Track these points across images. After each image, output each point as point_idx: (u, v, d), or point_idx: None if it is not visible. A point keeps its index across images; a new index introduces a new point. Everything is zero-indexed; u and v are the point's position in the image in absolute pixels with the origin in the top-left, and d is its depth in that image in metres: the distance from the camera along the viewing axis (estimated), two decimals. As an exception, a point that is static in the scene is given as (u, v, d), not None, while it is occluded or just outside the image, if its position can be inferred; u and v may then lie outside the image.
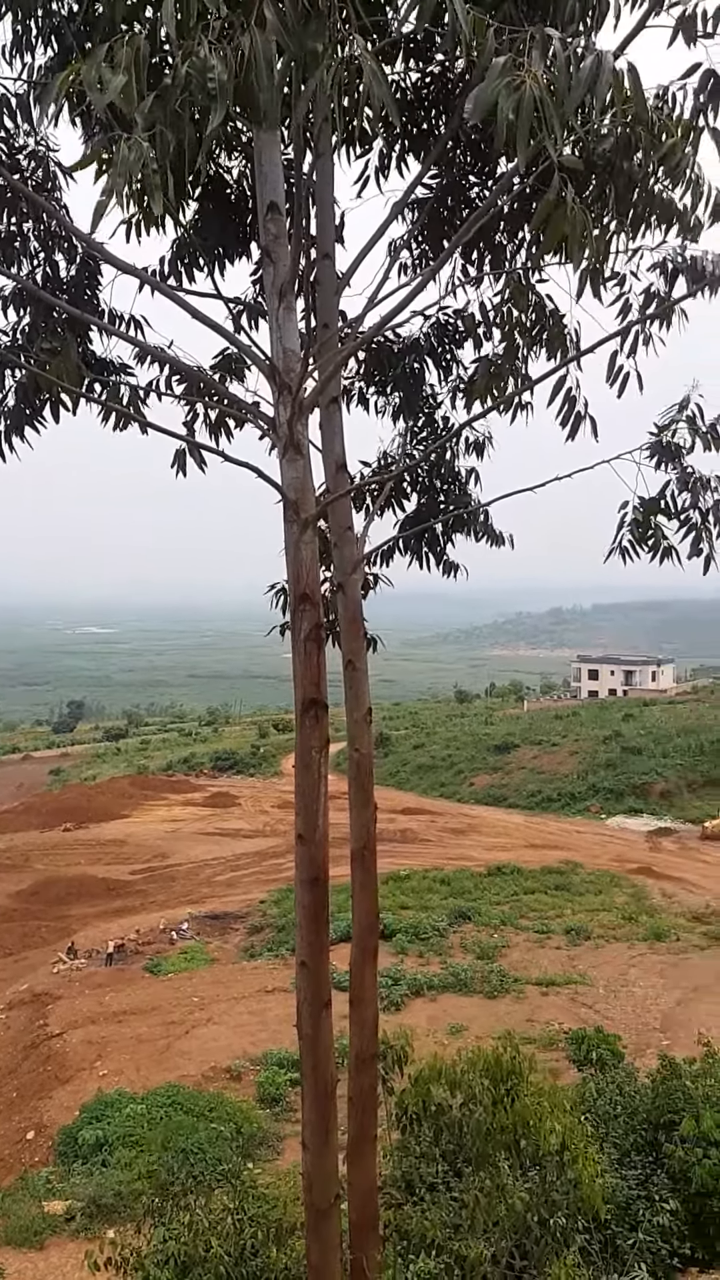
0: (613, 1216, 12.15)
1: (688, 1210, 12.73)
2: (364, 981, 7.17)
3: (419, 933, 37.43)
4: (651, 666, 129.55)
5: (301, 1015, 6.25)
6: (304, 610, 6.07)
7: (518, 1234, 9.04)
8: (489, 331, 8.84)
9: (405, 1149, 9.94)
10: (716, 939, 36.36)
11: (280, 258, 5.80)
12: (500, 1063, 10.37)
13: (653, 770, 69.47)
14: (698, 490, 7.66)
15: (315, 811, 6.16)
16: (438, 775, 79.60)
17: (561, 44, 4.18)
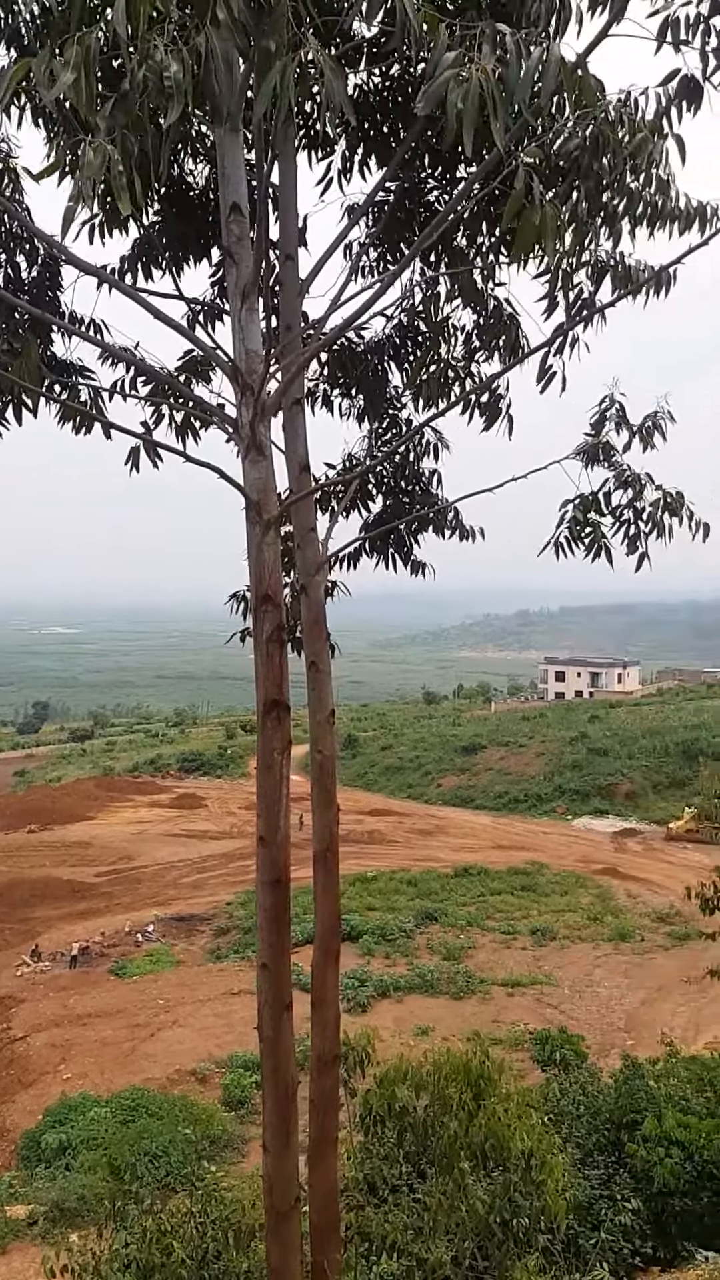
0: (576, 1216, 12.22)
1: (650, 1209, 12.82)
2: (326, 983, 7.17)
3: (386, 934, 37.52)
4: (617, 668, 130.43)
5: (262, 1018, 6.24)
6: (266, 612, 6.06)
7: (479, 1236, 9.06)
8: (447, 334, 8.88)
9: (368, 1151, 9.94)
10: (680, 939, 36.70)
11: (243, 259, 5.80)
12: (469, 1068, 10.37)
13: (618, 771, 69.92)
14: (635, 488, 7.74)
15: (277, 813, 6.15)
16: (405, 776, 79.70)
17: (512, 38, 4.22)
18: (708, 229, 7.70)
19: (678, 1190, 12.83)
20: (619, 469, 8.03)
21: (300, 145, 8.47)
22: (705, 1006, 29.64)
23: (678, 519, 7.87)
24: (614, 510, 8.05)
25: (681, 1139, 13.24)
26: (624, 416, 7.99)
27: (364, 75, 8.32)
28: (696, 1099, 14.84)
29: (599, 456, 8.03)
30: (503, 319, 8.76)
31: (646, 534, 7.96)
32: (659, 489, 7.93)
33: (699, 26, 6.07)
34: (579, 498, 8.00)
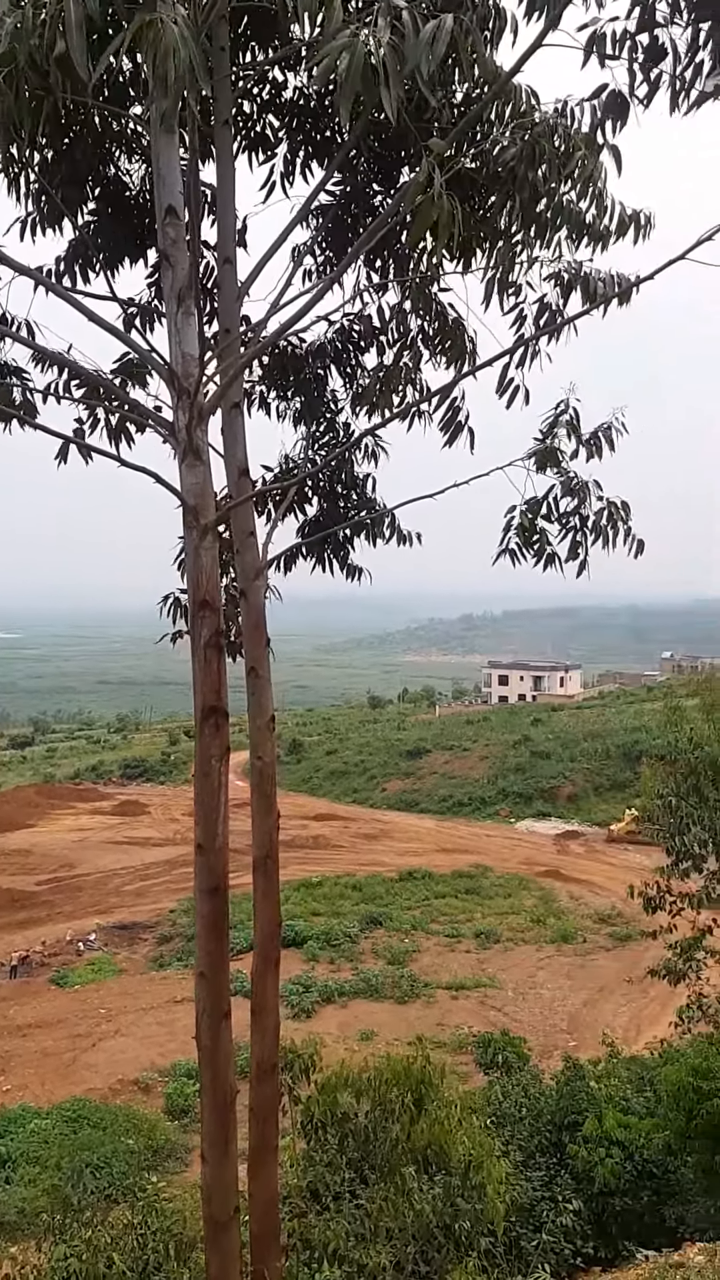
0: (518, 1218, 12.28)
1: (591, 1209, 12.93)
2: (266, 990, 7.12)
3: (330, 939, 37.48)
4: (560, 672, 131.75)
5: (200, 1026, 6.17)
6: (204, 616, 6.01)
7: (421, 1241, 9.06)
8: (391, 339, 8.89)
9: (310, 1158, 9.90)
10: (622, 940, 37.12)
11: (179, 262, 5.74)
12: (410, 1072, 10.36)
13: (560, 774, 70.59)
14: (581, 495, 7.80)
15: (215, 820, 6.10)
16: (350, 781, 79.71)
17: (408, 11, 4.21)
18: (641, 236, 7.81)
19: (618, 1190, 12.95)
20: (566, 475, 8.07)
21: (241, 148, 8.44)
22: (646, 1006, 29.99)
23: (621, 529, 7.94)
24: (560, 517, 8.09)
25: (622, 1139, 13.38)
26: (576, 423, 8.03)
27: (304, 78, 8.32)
28: (636, 1099, 15.02)
29: (548, 462, 8.06)
30: (449, 324, 8.79)
31: (592, 542, 8.02)
32: (603, 498, 7.99)
33: (625, 42, 6.13)
34: (527, 503, 8.03)
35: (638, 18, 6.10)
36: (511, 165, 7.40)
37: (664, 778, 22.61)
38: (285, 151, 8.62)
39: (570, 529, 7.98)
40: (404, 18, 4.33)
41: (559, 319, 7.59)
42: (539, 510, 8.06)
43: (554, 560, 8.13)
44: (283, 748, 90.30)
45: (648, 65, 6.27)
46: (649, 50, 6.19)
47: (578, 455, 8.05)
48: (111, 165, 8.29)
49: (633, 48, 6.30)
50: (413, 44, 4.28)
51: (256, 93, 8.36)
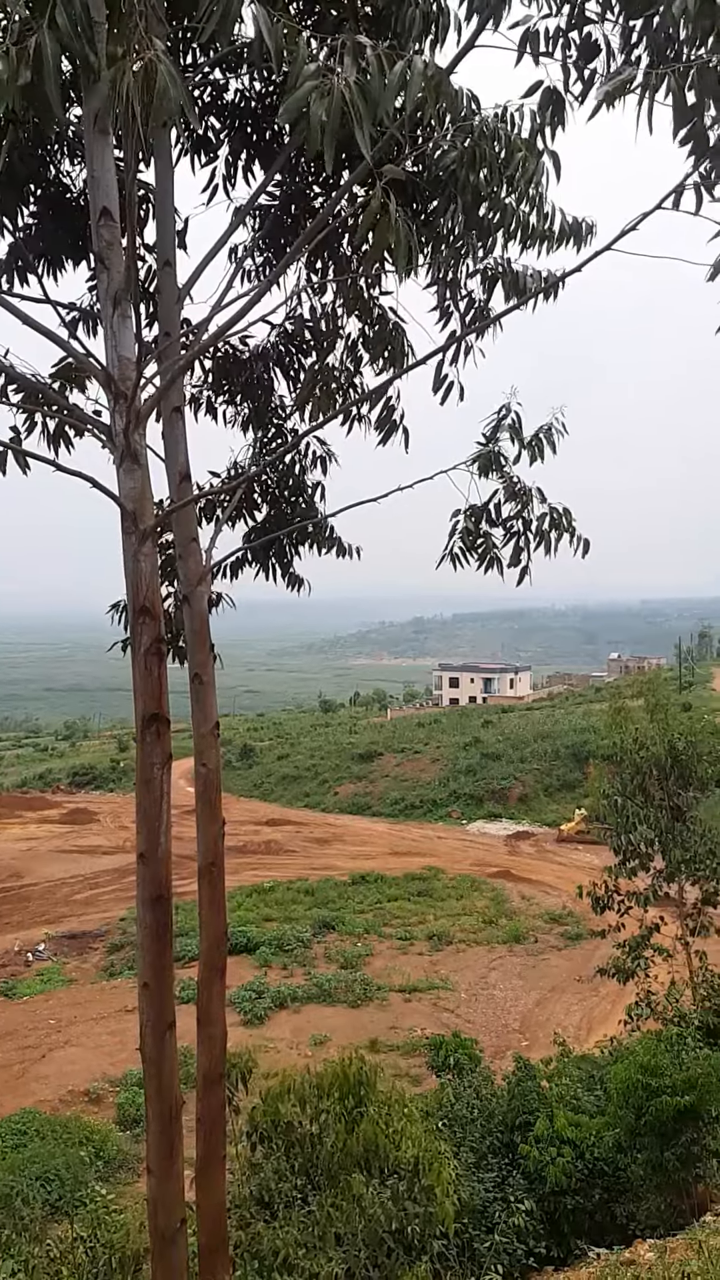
0: (470, 1220, 12.30)
1: (543, 1209, 12.97)
2: (212, 999, 7.05)
3: (283, 944, 37.33)
4: (509, 674, 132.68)
5: (145, 1037, 6.10)
6: (144, 623, 5.94)
7: (371, 1246, 9.03)
8: (332, 342, 8.89)
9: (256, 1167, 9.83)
10: (573, 939, 37.36)
11: (114, 264, 5.68)
12: (347, 1076, 10.33)
13: (511, 775, 70.99)
14: (524, 500, 7.85)
15: (157, 829, 6.03)
16: (302, 785, 79.54)
17: (373, 50, 4.23)
18: (583, 245, 7.88)
19: (570, 1189, 13.01)
20: (509, 480, 8.11)
21: (183, 150, 8.38)
22: (597, 1005, 30.20)
23: (564, 534, 8.00)
24: (504, 522, 8.14)
25: (573, 1138, 13.45)
26: (519, 427, 8.08)
27: (246, 80, 8.29)
28: (587, 1097, 15.10)
29: (491, 467, 8.10)
30: (389, 328, 8.81)
31: (535, 547, 8.07)
32: (545, 503, 8.04)
33: (559, 40, 6.17)
34: (470, 508, 8.07)
35: (569, 15, 6.14)
36: (452, 169, 7.43)
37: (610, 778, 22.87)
38: (227, 154, 8.58)
39: (514, 534, 8.04)
40: (369, 55, 4.34)
41: (487, 315, 7.64)
42: (483, 515, 8.11)
43: (496, 564, 8.18)
44: (234, 753, 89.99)
45: (581, 62, 6.32)
46: (582, 47, 6.25)
47: (520, 459, 8.11)
48: (52, 167, 8.20)
49: (566, 45, 6.35)
50: (379, 86, 4.30)
51: (198, 95, 8.32)
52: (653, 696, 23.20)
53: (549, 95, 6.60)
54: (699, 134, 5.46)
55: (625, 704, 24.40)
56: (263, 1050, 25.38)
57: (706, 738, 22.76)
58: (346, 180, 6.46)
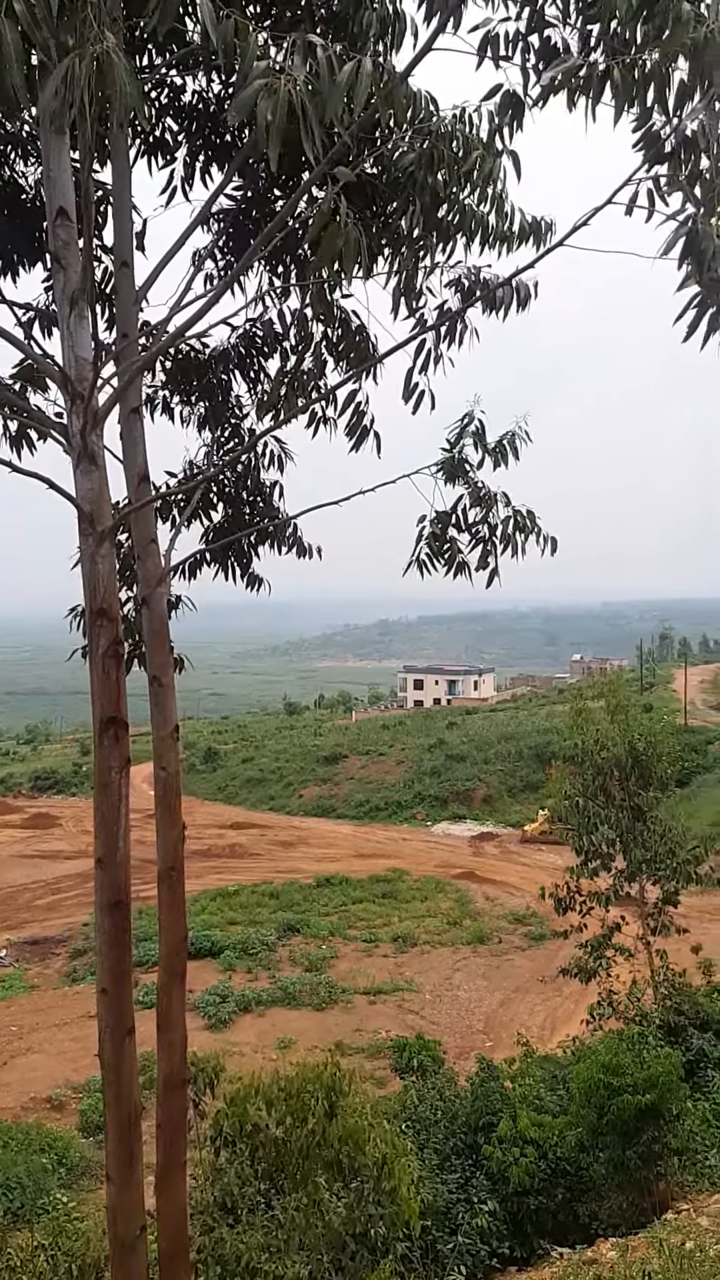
0: (434, 1222, 12.32)
1: (506, 1210, 13.02)
2: (172, 1004, 7.00)
3: (247, 948, 37.23)
4: (474, 676, 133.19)
5: (103, 1044, 6.04)
6: (101, 626, 5.89)
7: (335, 1249, 9.01)
8: (294, 345, 8.87)
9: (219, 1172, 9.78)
10: (536, 939, 37.57)
11: (71, 265, 5.63)
12: (320, 1080, 10.31)
13: (475, 777, 71.33)
14: (489, 504, 7.89)
15: (116, 834, 5.98)
16: (267, 788, 79.37)
17: (323, 50, 4.23)
18: (543, 244, 7.92)
19: (533, 1189, 13.07)
20: (474, 485, 8.15)
21: (141, 151, 8.33)
22: (561, 1005, 30.36)
23: (530, 536, 8.03)
24: (470, 526, 8.17)
25: (536, 1138, 13.51)
26: (483, 434, 8.11)
27: (204, 81, 8.26)
28: (550, 1097, 15.18)
29: (456, 473, 8.12)
30: (352, 331, 8.80)
31: (501, 551, 8.10)
32: (510, 506, 8.07)
33: (518, 43, 6.19)
34: (437, 514, 8.09)
35: (528, 19, 6.16)
36: (411, 170, 7.45)
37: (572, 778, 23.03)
38: (185, 155, 8.54)
39: (479, 539, 8.06)
40: (319, 55, 4.32)
41: (459, 324, 7.65)
42: (449, 520, 8.14)
43: (464, 569, 8.21)
44: (198, 756, 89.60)
45: (540, 66, 6.33)
46: (541, 51, 6.26)
47: (484, 465, 8.14)
48: (6, 168, 8.12)
49: (525, 48, 6.36)
50: (329, 87, 4.28)
51: (155, 96, 8.27)
52: (613, 698, 23.38)
53: (508, 98, 6.61)
54: (651, 137, 5.51)
55: (586, 705, 24.56)
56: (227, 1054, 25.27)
57: (666, 738, 22.98)
58: (304, 182, 6.43)
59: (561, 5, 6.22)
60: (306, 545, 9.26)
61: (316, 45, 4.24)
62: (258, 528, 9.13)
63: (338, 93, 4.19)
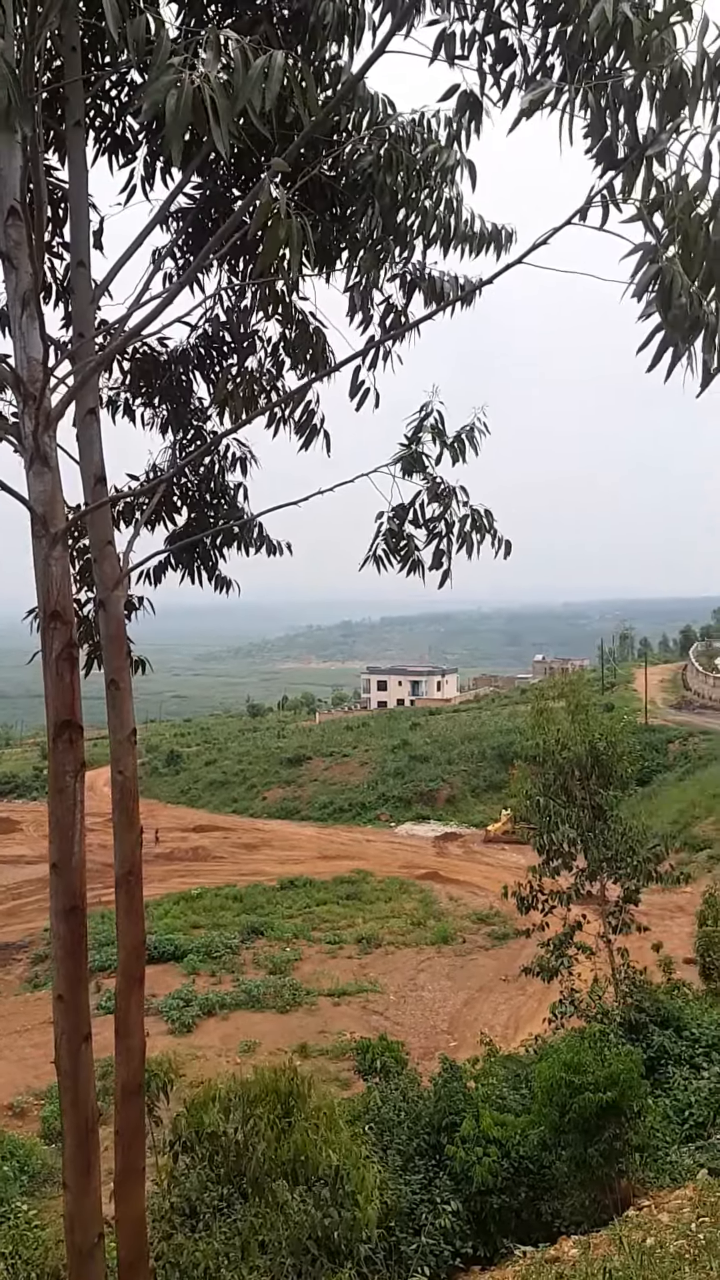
0: (398, 1223, 12.32)
1: (469, 1209, 13.06)
2: (130, 1010, 6.95)
3: (211, 951, 37.07)
4: (437, 676, 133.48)
5: (60, 1050, 5.98)
6: (55, 629, 5.83)
7: (295, 1254, 8.98)
8: (252, 345, 8.85)
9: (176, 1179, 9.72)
10: (500, 939, 37.70)
11: (22, 264, 5.56)
12: (277, 1086, 10.27)
13: (439, 777, 71.55)
14: (447, 500, 7.89)
15: (71, 838, 5.92)
16: (230, 791, 79.12)
17: (236, 44, 4.20)
18: (504, 251, 7.94)
19: (496, 1188, 13.12)
20: (432, 480, 8.14)
21: (101, 150, 8.27)
22: (524, 1004, 30.48)
23: (485, 535, 8.04)
24: (427, 523, 8.17)
25: (499, 1137, 13.56)
26: (441, 427, 8.11)
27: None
28: (513, 1096, 15.25)
29: (415, 467, 8.11)
30: (309, 332, 8.78)
31: (457, 550, 8.10)
32: (467, 505, 8.08)
33: (474, 43, 6.19)
34: (395, 509, 8.08)
35: (485, 19, 6.16)
36: (369, 172, 7.44)
37: (533, 778, 23.14)
38: (145, 155, 8.48)
39: (436, 535, 8.07)
40: (232, 50, 4.29)
41: (404, 321, 7.67)
42: (406, 516, 8.13)
43: (419, 567, 8.20)
44: (160, 759, 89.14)
45: (497, 67, 6.33)
46: (498, 52, 6.26)
47: (442, 459, 8.15)
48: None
49: (482, 48, 6.36)
50: (243, 81, 4.25)
51: (115, 95, 8.21)
52: (574, 698, 23.52)
53: (465, 99, 6.61)
54: (607, 147, 5.53)
55: (548, 705, 24.69)
56: (191, 1059, 25.20)
57: (626, 737, 23.17)
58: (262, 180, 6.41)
59: (517, 10, 6.21)
60: (275, 542, 9.22)
61: (229, 40, 4.21)
62: (220, 529, 9.08)
63: (250, 85, 4.16)
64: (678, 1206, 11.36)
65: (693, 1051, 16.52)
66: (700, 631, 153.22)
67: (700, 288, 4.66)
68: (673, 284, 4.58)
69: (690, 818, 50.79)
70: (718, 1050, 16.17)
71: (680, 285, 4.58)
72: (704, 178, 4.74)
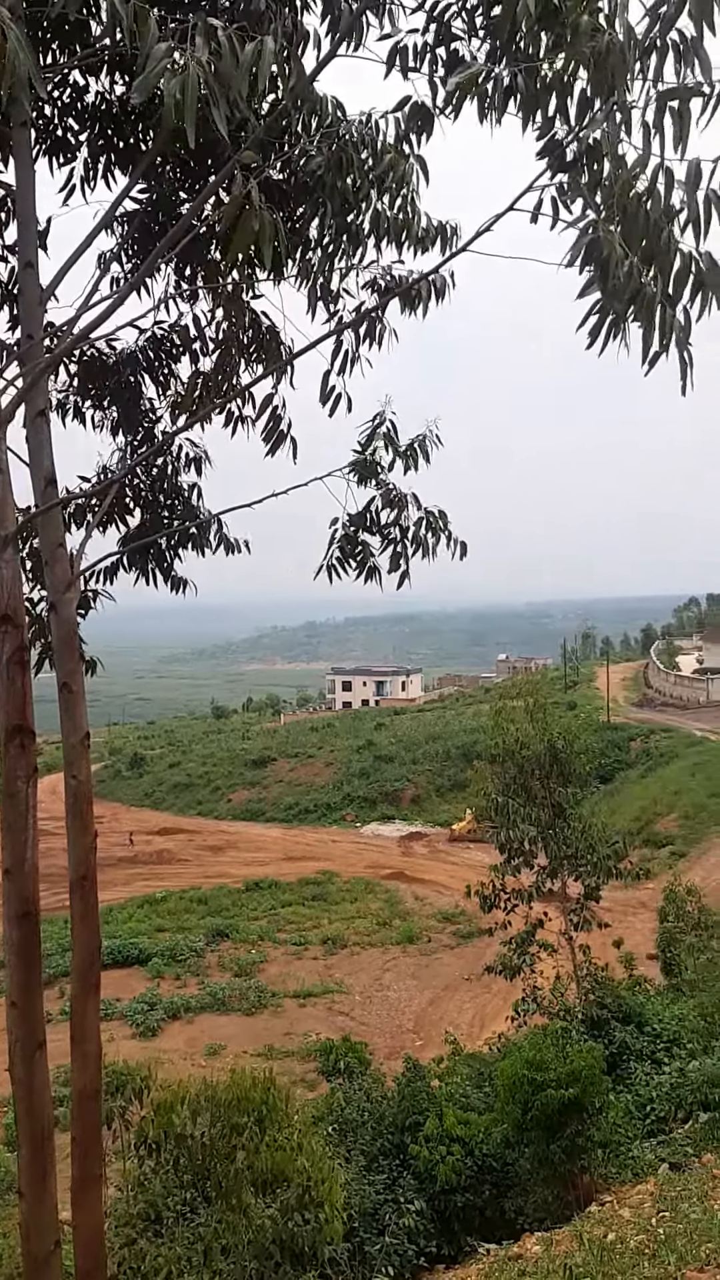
0: (361, 1224, 12.32)
1: (433, 1208, 13.08)
2: (86, 1015, 6.89)
3: (176, 955, 36.93)
4: (401, 676, 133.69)
5: (13, 1058, 5.93)
6: (6, 632, 5.78)
7: (259, 1258, 8.95)
8: (204, 347, 8.82)
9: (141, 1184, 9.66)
10: (465, 938, 37.83)
11: (-34, 265, 5.53)
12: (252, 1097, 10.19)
13: (403, 777, 71.71)
14: (401, 506, 7.92)
15: (24, 843, 5.87)
16: (195, 793, 78.82)
17: (224, 31, 4.22)
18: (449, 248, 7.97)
19: (459, 1186, 13.15)
20: (386, 487, 8.16)
21: (41, 150, 8.21)
22: (489, 1002, 30.61)
23: (440, 537, 8.07)
24: (382, 529, 8.18)
25: (462, 1135, 13.60)
26: (394, 435, 8.13)
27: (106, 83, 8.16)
28: (476, 1095, 15.30)
29: (367, 474, 8.13)
30: (263, 334, 8.77)
31: (412, 553, 8.13)
32: (421, 508, 8.10)
33: (425, 55, 6.23)
34: (350, 516, 8.09)
35: (435, 32, 6.21)
36: (320, 174, 7.45)
37: (494, 777, 23.25)
38: (86, 156, 8.44)
39: (391, 540, 8.08)
40: (220, 38, 4.31)
41: (377, 325, 7.68)
42: (362, 522, 8.15)
43: (375, 573, 8.22)
44: (123, 762, 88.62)
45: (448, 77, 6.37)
46: (448, 63, 6.31)
47: (394, 467, 8.17)
48: None
49: (433, 60, 6.41)
50: (232, 67, 4.27)
51: (57, 96, 8.16)
52: (533, 697, 23.65)
53: (416, 109, 6.66)
54: (553, 145, 5.57)
55: (506, 704, 24.82)
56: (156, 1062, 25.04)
57: (583, 734, 23.33)
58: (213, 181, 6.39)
59: (467, 20, 6.27)
60: (234, 540, 9.19)
61: (217, 27, 4.23)
62: (174, 530, 9.04)
63: (242, 71, 4.18)
64: (639, 1201, 11.45)
65: (654, 1047, 16.63)
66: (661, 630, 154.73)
67: (642, 261, 4.73)
68: (610, 256, 4.64)
69: (652, 814, 51.22)
70: (679, 1045, 16.28)
71: (617, 257, 4.64)
72: (644, 153, 4.81)
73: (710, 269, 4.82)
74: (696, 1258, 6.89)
